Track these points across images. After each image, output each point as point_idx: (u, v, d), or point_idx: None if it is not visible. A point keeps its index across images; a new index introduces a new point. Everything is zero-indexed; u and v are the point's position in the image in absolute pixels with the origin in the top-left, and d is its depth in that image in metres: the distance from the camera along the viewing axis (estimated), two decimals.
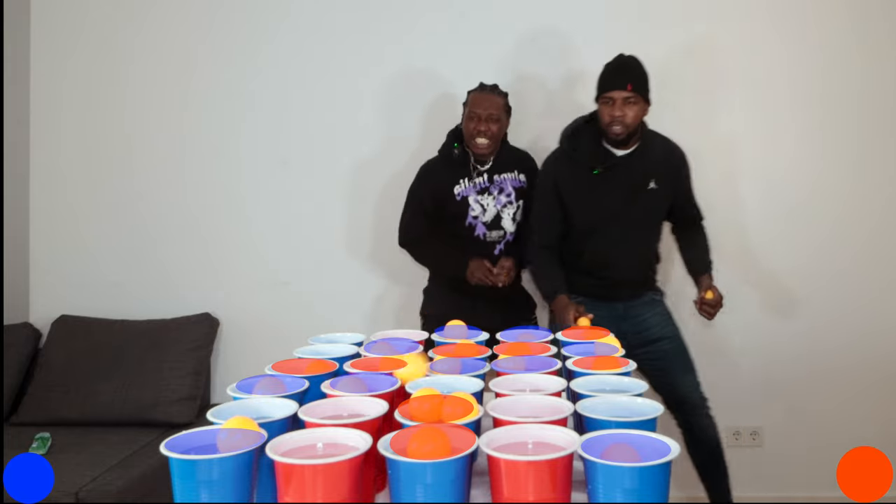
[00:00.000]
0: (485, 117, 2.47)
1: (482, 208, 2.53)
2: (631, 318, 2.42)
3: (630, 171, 2.34)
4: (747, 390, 2.91)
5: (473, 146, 2.49)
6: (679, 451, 0.94)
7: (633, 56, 2.32)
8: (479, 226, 2.53)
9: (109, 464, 2.36)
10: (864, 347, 2.88)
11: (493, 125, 2.48)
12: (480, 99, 2.50)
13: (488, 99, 2.50)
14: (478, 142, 2.48)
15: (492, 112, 2.48)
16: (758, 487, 2.89)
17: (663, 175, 2.38)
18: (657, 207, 2.42)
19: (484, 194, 2.54)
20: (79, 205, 3.06)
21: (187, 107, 3.02)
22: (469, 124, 2.49)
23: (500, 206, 2.54)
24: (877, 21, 2.86)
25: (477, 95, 2.52)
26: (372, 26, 2.94)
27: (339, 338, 1.64)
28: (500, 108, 2.51)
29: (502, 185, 2.55)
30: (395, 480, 0.93)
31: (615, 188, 2.33)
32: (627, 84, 2.24)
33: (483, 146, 2.48)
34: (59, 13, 3.05)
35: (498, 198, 2.54)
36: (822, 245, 2.88)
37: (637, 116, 2.27)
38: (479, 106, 2.49)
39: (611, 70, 2.31)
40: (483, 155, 2.52)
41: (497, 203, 2.54)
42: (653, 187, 2.36)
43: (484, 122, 2.47)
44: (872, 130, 2.88)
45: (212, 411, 1.10)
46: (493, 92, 2.52)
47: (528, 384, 1.29)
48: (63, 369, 2.77)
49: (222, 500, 0.92)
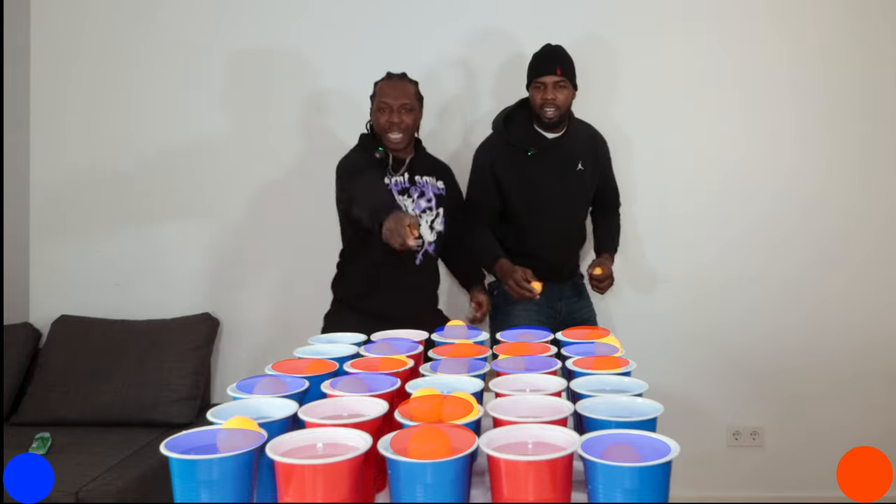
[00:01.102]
0: (397, 108, 2.26)
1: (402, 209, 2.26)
2: (566, 297, 2.55)
3: (560, 153, 2.48)
4: (747, 390, 2.91)
5: (387, 141, 2.28)
6: (679, 451, 0.94)
7: (559, 45, 2.47)
8: None
9: (109, 464, 2.36)
10: (865, 348, 2.88)
11: (406, 116, 2.27)
12: (390, 88, 2.29)
13: (399, 87, 2.30)
14: (392, 137, 2.27)
15: (404, 101, 2.27)
16: (758, 487, 2.89)
17: (589, 157, 2.54)
18: (585, 187, 2.56)
19: (404, 195, 2.30)
20: (79, 204, 3.06)
21: (188, 107, 3.02)
22: (380, 117, 2.27)
23: (419, 211, 2.32)
24: (877, 21, 2.86)
25: (386, 84, 2.31)
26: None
27: (339, 338, 1.64)
28: (412, 96, 2.31)
29: (424, 188, 2.35)
30: (395, 480, 0.93)
31: (548, 168, 2.46)
32: (557, 69, 2.38)
33: (397, 140, 2.27)
34: (59, 13, 3.05)
35: (418, 201, 2.32)
36: (824, 245, 2.88)
37: (567, 99, 2.42)
38: (389, 95, 2.27)
39: (540, 57, 2.45)
40: (398, 151, 2.31)
41: (416, 207, 2.32)
42: (580, 168, 2.51)
43: (397, 112, 2.26)
44: (873, 130, 2.88)
45: (212, 411, 1.10)
46: (403, 79, 2.33)
47: (528, 384, 1.29)
48: (63, 369, 2.77)
49: (222, 500, 0.92)
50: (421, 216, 2.30)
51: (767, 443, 2.91)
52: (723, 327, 2.90)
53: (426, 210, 2.33)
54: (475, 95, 2.93)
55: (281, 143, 2.97)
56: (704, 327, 2.90)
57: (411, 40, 2.91)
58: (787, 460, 2.89)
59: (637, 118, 2.90)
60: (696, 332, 2.90)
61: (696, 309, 2.91)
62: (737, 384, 2.90)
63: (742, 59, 2.88)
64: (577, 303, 2.58)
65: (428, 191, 2.35)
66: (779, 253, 2.89)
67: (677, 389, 2.85)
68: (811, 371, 2.89)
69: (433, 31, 2.93)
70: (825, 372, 2.88)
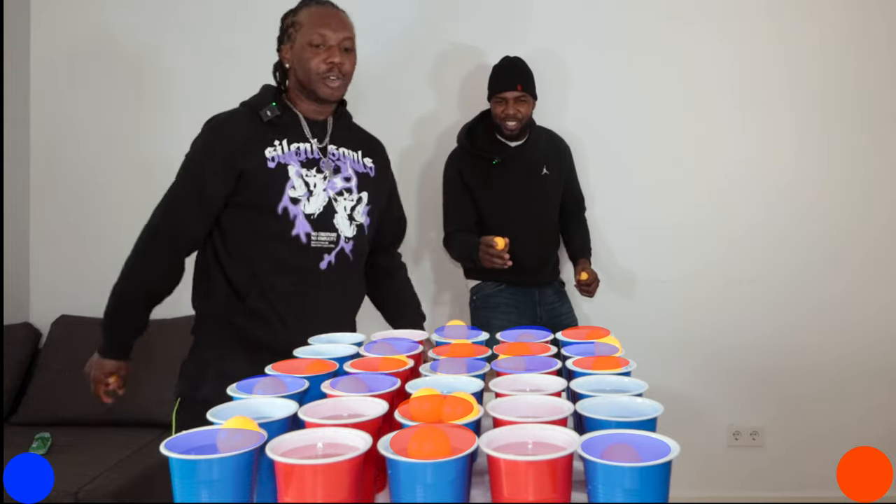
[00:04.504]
0: (338, 43, 1.63)
1: (307, 188, 1.64)
2: (545, 304, 2.62)
3: (524, 160, 2.55)
4: (747, 390, 2.91)
5: (322, 91, 1.65)
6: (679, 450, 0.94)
7: (518, 57, 2.53)
8: (301, 219, 1.63)
9: (109, 464, 2.36)
10: (865, 348, 2.88)
11: (347, 60, 1.65)
12: (329, 17, 1.64)
13: (339, 17, 1.66)
14: (331, 84, 1.63)
15: (348, 36, 1.66)
16: (758, 487, 2.89)
17: (552, 162, 2.64)
18: (552, 192, 2.66)
19: (311, 168, 1.66)
20: (79, 205, 3.06)
21: (188, 106, 3.01)
22: (314, 58, 1.62)
23: (333, 192, 1.67)
24: (876, 20, 2.86)
25: (319, 12, 1.65)
26: None
27: (339, 338, 1.63)
28: (353, 31, 1.69)
29: (340, 162, 1.70)
30: (395, 480, 0.93)
31: (514, 175, 2.53)
32: (518, 85, 2.47)
33: (337, 89, 1.66)
34: (59, 12, 3.05)
35: (331, 179, 1.67)
36: (824, 245, 2.89)
37: (528, 112, 2.52)
38: (327, 26, 1.62)
39: (501, 72, 2.52)
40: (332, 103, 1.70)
41: (330, 187, 1.67)
42: (546, 173, 2.61)
43: (339, 52, 1.63)
44: (873, 130, 2.88)
45: (212, 411, 1.10)
46: (338, 8, 1.69)
47: (528, 384, 1.29)
48: (63, 369, 2.77)
49: (222, 500, 0.92)
50: (336, 200, 1.69)
51: (767, 443, 2.91)
52: (723, 327, 2.90)
53: (343, 192, 1.69)
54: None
55: None
56: (705, 327, 2.90)
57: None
58: (787, 460, 2.89)
59: (635, 119, 2.91)
60: (696, 333, 2.91)
61: (696, 309, 2.91)
62: (737, 384, 2.90)
63: (742, 58, 2.88)
64: (560, 307, 2.63)
65: (346, 167, 1.71)
66: (779, 253, 2.89)
67: (677, 389, 2.85)
68: (811, 371, 2.89)
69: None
70: (825, 372, 2.88)
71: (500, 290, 2.54)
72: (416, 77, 2.96)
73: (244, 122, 1.67)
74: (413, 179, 2.95)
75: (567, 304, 2.67)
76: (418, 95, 2.96)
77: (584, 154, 2.75)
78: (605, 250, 2.91)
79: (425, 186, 2.91)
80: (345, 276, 1.71)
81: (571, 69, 2.91)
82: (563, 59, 2.91)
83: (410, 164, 2.95)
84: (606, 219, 2.86)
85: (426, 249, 2.97)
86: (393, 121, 2.92)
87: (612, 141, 2.90)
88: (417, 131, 2.97)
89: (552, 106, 2.80)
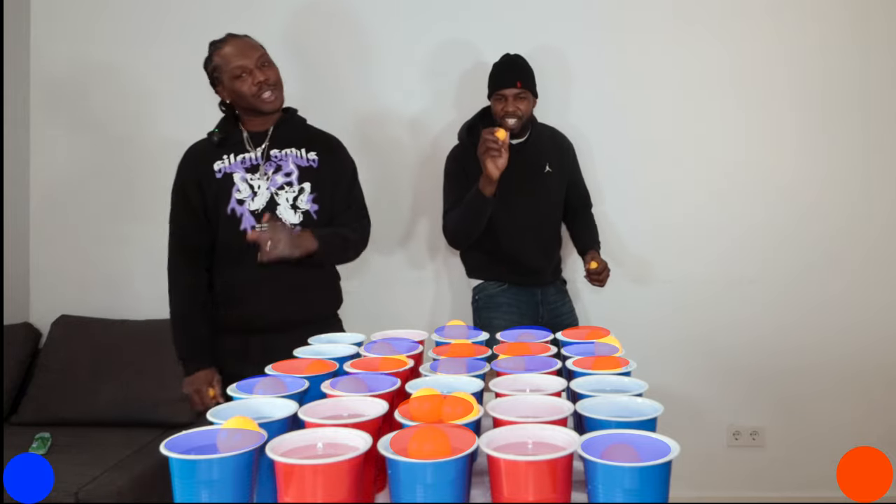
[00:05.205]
0: (256, 65, 1.95)
1: (251, 190, 1.98)
2: (547, 304, 2.57)
3: (525, 157, 2.51)
4: (747, 390, 2.91)
5: (263, 106, 1.97)
6: (679, 450, 0.94)
7: (518, 54, 2.50)
8: (247, 215, 1.96)
9: (109, 464, 2.36)
10: (865, 348, 2.88)
11: (270, 72, 1.97)
12: (239, 49, 1.96)
13: (246, 44, 1.99)
14: (265, 97, 1.96)
15: (261, 54, 1.98)
16: (758, 487, 2.89)
17: (555, 159, 2.58)
18: (554, 189, 2.59)
19: (255, 173, 1.99)
20: (79, 205, 3.06)
21: (189, 106, 3.01)
22: (242, 85, 1.95)
23: (274, 188, 1.98)
24: (877, 20, 2.86)
25: (229, 48, 1.97)
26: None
27: (339, 338, 1.63)
28: (263, 48, 2.01)
29: (281, 161, 2.01)
30: (395, 480, 0.93)
31: (514, 172, 2.44)
32: (517, 82, 2.42)
33: (273, 99, 1.97)
34: (59, 11, 3.05)
35: (273, 178, 1.99)
36: (824, 245, 2.89)
37: (528, 109, 2.46)
38: (242, 57, 1.95)
39: (501, 69, 2.48)
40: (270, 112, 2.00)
41: (271, 184, 1.98)
42: (548, 170, 2.55)
43: (259, 70, 1.95)
44: (874, 129, 2.88)
45: (212, 411, 1.10)
46: (243, 37, 2.02)
47: (528, 384, 1.29)
48: (63, 369, 2.77)
49: (222, 500, 0.92)
50: (278, 193, 1.98)
51: (767, 443, 2.91)
52: (723, 327, 2.90)
53: (284, 186, 1.99)
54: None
55: None
56: (705, 327, 2.90)
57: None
58: (787, 460, 2.89)
59: (635, 119, 2.90)
60: (696, 333, 2.91)
61: (696, 309, 2.91)
62: (737, 384, 2.90)
63: (742, 58, 2.88)
64: (562, 306, 2.60)
65: (287, 164, 2.01)
66: (779, 253, 2.89)
67: (677, 389, 2.85)
68: (811, 371, 2.89)
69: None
70: (825, 372, 2.88)
71: (503, 291, 2.52)
72: (415, 76, 2.95)
73: (202, 147, 2.05)
74: (409, 178, 2.94)
75: (568, 304, 2.64)
76: (416, 94, 2.95)
77: (583, 155, 2.74)
78: (604, 250, 2.90)
79: (422, 186, 2.90)
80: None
81: (570, 69, 2.91)
82: (561, 58, 2.90)
83: (407, 162, 2.94)
84: (606, 219, 2.85)
85: (425, 248, 2.97)
86: (388, 119, 2.92)
87: (611, 141, 2.89)
88: (415, 130, 2.96)
89: (553, 106, 2.79)
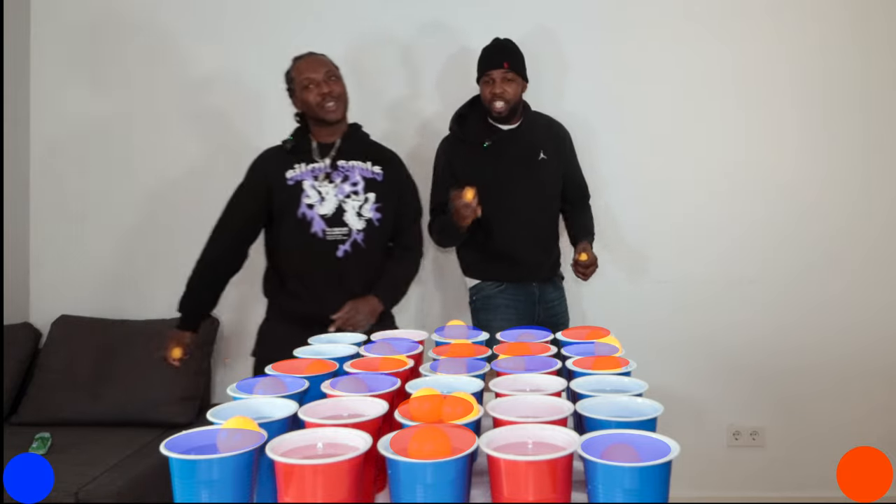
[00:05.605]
0: (323, 78, 2.18)
1: (319, 196, 2.18)
2: (545, 302, 2.53)
3: (518, 144, 2.47)
4: (747, 390, 2.91)
5: (325, 115, 2.19)
6: (679, 450, 0.94)
7: (508, 38, 2.47)
8: (317, 219, 2.17)
9: (109, 464, 2.36)
10: (865, 348, 2.88)
11: (335, 85, 2.20)
12: (308, 64, 2.21)
13: (316, 60, 2.23)
14: (328, 106, 2.18)
15: (329, 70, 2.21)
16: (758, 487, 2.89)
17: (550, 147, 2.52)
18: (550, 178, 2.53)
19: (323, 181, 2.20)
20: (79, 205, 3.06)
21: (189, 105, 3.02)
22: (309, 95, 2.18)
23: (342, 196, 2.19)
24: (877, 19, 2.86)
25: (302, 63, 2.23)
26: None
27: (339, 338, 1.64)
28: (332, 64, 2.25)
29: (348, 172, 2.21)
30: (395, 480, 0.93)
31: (506, 160, 2.44)
32: (504, 63, 2.38)
33: (335, 109, 2.19)
34: (59, 11, 3.05)
35: (340, 186, 2.19)
36: (824, 245, 2.89)
37: (516, 92, 2.41)
38: (310, 71, 2.19)
39: (489, 52, 2.45)
40: (335, 122, 2.22)
41: (339, 192, 2.19)
42: (543, 158, 2.49)
43: (325, 83, 2.18)
44: (874, 129, 2.88)
45: (212, 411, 1.10)
46: (314, 54, 2.27)
47: (528, 384, 1.29)
48: (63, 369, 2.77)
49: (222, 500, 0.92)
50: (345, 201, 2.18)
51: (767, 443, 2.91)
52: (723, 327, 2.90)
53: (350, 195, 2.19)
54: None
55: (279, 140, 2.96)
56: (705, 327, 2.90)
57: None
58: (787, 460, 2.89)
59: (636, 119, 2.91)
60: (696, 333, 2.91)
61: (696, 309, 2.91)
62: (737, 384, 2.90)
63: (743, 58, 2.88)
64: (558, 306, 2.56)
65: (354, 175, 2.21)
66: (779, 253, 2.89)
67: (677, 389, 2.85)
68: (811, 371, 2.89)
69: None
70: (825, 372, 2.88)
71: (500, 291, 2.48)
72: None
73: (274, 155, 2.26)
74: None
75: (564, 303, 2.60)
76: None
77: (582, 155, 2.74)
78: (603, 250, 2.91)
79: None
80: (359, 259, 2.18)
81: (570, 70, 2.91)
82: (560, 58, 2.91)
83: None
84: (605, 219, 2.85)
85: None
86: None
87: (611, 141, 2.89)
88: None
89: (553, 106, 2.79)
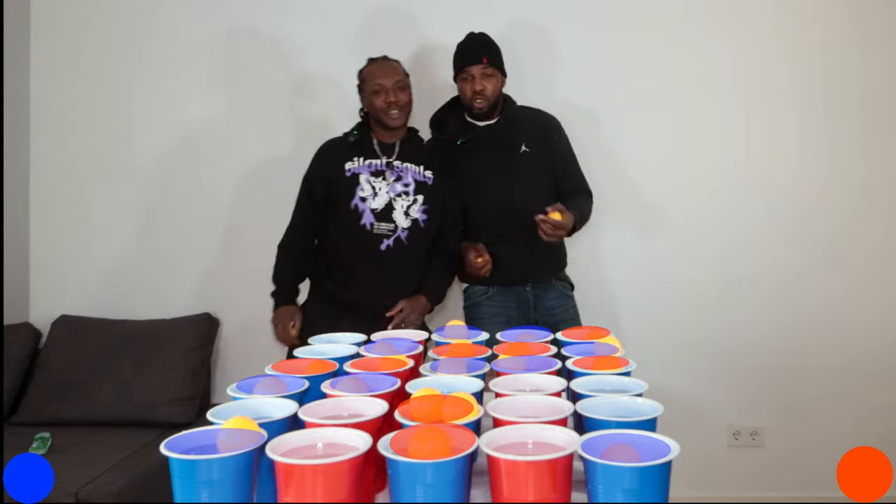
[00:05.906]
0: (392, 87, 2.28)
1: (373, 190, 2.29)
2: (543, 307, 2.40)
3: (497, 139, 2.40)
4: (747, 390, 2.91)
5: (388, 121, 2.29)
6: (679, 450, 0.94)
7: (483, 32, 2.40)
8: (367, 212, 2.29)
9: (109, 464, 2.36)
10: (865, 348, 2.88)
11: (402, 94, 2.29)
12: (381, 69, 2.31)
13: (389, 67, 2.33)
14: (392, 114, 2.28)
15: (398, 79, 2.30)
16: (758, 487, 2.89)
17: (534, 139, 2.41)
18: (532, 170, 2.40)
19: (378, 177, 2.31)
20: (79, 205, 3.06)
21: (189, 106, 3.02)
22: (377, 100, 2.28)
23: (393, 194, 2.30)
24: (877, 19, 2.86)
25: (375, 67, 2.33)
26: None
27: (339, 338, 1.64)
28: (403, 74, 2.34)
29: (402, 172, 2.33)
30: (395, 480, 0.93)
31: (485, 155, 2.39)
32: (483, 58, 2.33)
33: (398, 117, 2.29)
34: (59, 11, 3.05)
35: (393, 185, 2.31)
36: (825, 245, 2.88)
37: (496, 88, 2.36)
38: (382, 77, 2.29)
39: (465, 47, 2.39)
40: (396, 128, 2.32)
41: (391, 190, 2.30)
42: (525, 150, 2.39)
43: (393, 91, 2.28)
44: (874, 129, 2.88)
45: (212, 411, 1.10)
46: (388, 60, 2.36)
47: (528, 384, 1.29)
48: (63, 369, 2.77)
49: (222, 500, 0.92)
50: (395, 199, 2.29)
51: (767, 443, 2.91)
52: (723, 327, 2.90)
53: (402, 194, 2.30)
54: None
55: (285, 144, 2.97)
56: (705, 327, 2.90)
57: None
58: (788, 460, 2.89)
59: (636, 118, 2.90)
60: (696, 333, 2.90)
61: (696, 309, 2.91)
62: (737, 384, 2.90)
63: (743, 58, 2.88)
64: (562, 312, 2.41)
65: (407, 175, 2.32)
66: (779, 253, 2.89)
67: (677, 389, 2.85)
68: (811, 371, 2.89)
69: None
70: (825, 372, 2.88)
71: (488, 298, 2.39)
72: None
73: (336, 145, 2.38)
74: None
75: (571, 311, 2.43)
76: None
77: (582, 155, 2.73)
78: (602, 250, 2.91)
79: None
80: (401, 255, 2.29)
81: (570, 70, 2.91)
82: (558, 58, 2.90)
83: None
84: (605, 219, 2.85)
85: None
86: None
87: (610, 141, 2.89)
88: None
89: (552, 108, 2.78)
